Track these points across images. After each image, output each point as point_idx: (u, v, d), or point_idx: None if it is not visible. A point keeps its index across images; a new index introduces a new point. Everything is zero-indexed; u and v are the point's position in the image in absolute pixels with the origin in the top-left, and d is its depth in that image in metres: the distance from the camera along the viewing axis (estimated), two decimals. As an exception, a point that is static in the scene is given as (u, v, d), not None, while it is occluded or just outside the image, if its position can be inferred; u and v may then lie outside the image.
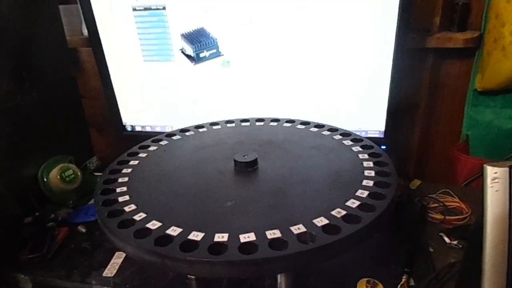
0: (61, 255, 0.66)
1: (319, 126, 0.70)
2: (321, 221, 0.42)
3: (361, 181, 0.50)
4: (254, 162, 0.56)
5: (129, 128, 0.89)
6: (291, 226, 0.41)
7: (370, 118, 0.77)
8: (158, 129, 0.87)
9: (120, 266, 0.62)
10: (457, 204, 0.76)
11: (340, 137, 0.65)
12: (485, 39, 0.78)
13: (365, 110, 0.76)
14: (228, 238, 0.40)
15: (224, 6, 0.71)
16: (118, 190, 0.52)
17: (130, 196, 0.50)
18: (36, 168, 0.82)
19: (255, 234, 0.40)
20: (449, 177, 0.92)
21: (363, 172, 0.53)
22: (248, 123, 0.74)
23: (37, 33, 0.81)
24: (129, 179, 0.55)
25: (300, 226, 0.41)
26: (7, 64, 0.74)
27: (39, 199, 0.80)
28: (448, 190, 0.79)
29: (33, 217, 0.76)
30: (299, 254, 0.38)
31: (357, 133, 0.75)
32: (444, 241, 0.66)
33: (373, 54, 0.71)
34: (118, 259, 0.63)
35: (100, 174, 0.91)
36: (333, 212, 0.44)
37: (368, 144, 0.61)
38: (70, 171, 0.84)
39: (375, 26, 0.69)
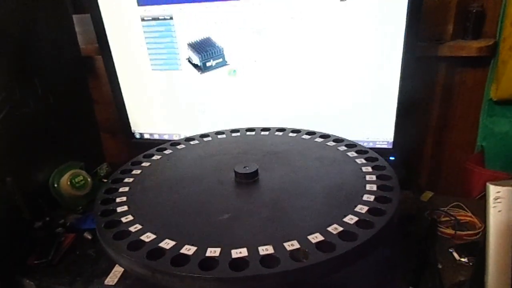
0: (66, 261, 0.67)
1: (325, 136, 0.69)
2: (316, 238, 0.41)
3: (362, 196, 0.49)
4: (255, 174, 0.56)
5: (137, 136, 0.90)
6: (285, 242, 0.41)
7: (379, 128, 0.75)
8: (166, 137, 0.87)
9: (122, 275, 0.62)
10: (470, 219, 0.73)
11: (345, 148, 0.64)
12: (500, 47, 0.75)
13: (373, 120, 0.75)
14: (220, 253, 0.40)
15: (230, 17, 0.71)
16: (118, 200, 0.52)
17: (128, 207, 0.50)
18: (48, 173, 0.83)
19: (247, 249, 0.40)
20: (462, 189, 0.89)
21: (365, 186, 0.51)
22: (253, 132, 0.74)
23: (50, 42, 0.83)
24: (129, 188, 0.55)
25: (294, 242, 0.41)
26: (19, 71, 0.76)
27: (50, 204, 0.82)
28: (460, 203, 0.76)
29: (43, 222, 0.78)
30: (290, 272, 0.37)
31: (364, 144, 0.74)
32: (454, 257, 0.64)
33: (381, 63, 0.70)
34: (120, 267, 0.64)
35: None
36: (329, 228, 0.43)
37: (373, 156, 0.60)
38: (81, 177, 0.86)
39: (383, 34, 0.67)
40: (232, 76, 0.76)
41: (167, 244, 0.42)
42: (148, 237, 0.43)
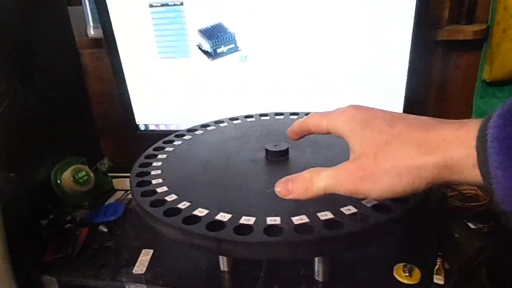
0: (85, 255, 0.64)
1: None
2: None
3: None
4: (286, 152, 0.56)
5: (142, 128, 0.88)
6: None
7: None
8: (173, 128, 0.86)
9: (149, 263, 0.60)
10: (474, 192, 0.78)
11: None
12: (493, 30, 0.80)
13: (382, 103, 0.77)
14: (281, 221, 0.40)
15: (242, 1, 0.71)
16: (154, 182, 0.51)
17: (168, 187, 0.49)
18: (48, 170, 0.80)
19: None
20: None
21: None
22: (282, 117, 0.74)
23: (47, 35, 0.80)
24: (162, 171, 0.54)
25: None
26: (18, 64, 0.72)
27: (52, 201, 0.78)
28: (464, 178, 0.81)
29: (48, 220, 0.75)
30: (324, 239, 0.38)
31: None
32: (468, 227, 0.67)
33: (390, 47, 0.72)
34: (146, 256, 0.62)
35: (114, 174, 0.90)
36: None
37: None
38: (83, 173, 0.83)
39: (392, 18, 0.70)
40: (244, 62, 0.76)
41: (224, 216, 0.42)
42: (201, 212, 0.43)
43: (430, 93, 0.92)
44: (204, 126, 0.72)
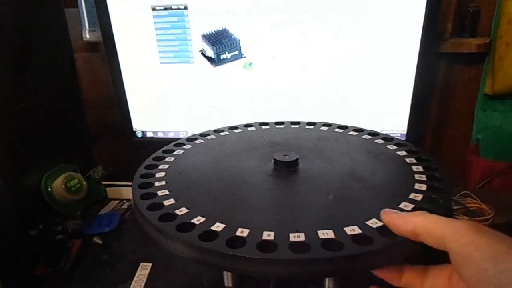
0: (79, 269, 0.60)
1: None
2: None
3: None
4: (296, 162, 0.54)
5: (139, 134, 0.85)
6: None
7: (391, 120, 0.77)
8: (171, 135, 0.83)
9: (148, 278, 0.57)
10: (478, 206, 0.77)
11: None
12: (496, 44, 0.80)
13: (386, 112, 0.76)
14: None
15: (249, 7, 0.69)
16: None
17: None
18: (38, 177, 0.76)
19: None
20: (459, 181, 0.94)
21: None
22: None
23: (42, 36, 0.76)
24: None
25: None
26: (12, 64, 0.69)
27: (41, 210, 0.74)
28: (467, 192, 0.80)
29: (37, 230, 0.71)
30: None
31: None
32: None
33: (396, 57, 0.72)
34: (144, 270, 0.59)
35: (107, 183, 0.86)
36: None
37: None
38: (76, 180, 0.79)
39: (399, 28, 0.70)
40: (248, 69, 0.74)
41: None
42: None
43: (432, 105, 0.91)
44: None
